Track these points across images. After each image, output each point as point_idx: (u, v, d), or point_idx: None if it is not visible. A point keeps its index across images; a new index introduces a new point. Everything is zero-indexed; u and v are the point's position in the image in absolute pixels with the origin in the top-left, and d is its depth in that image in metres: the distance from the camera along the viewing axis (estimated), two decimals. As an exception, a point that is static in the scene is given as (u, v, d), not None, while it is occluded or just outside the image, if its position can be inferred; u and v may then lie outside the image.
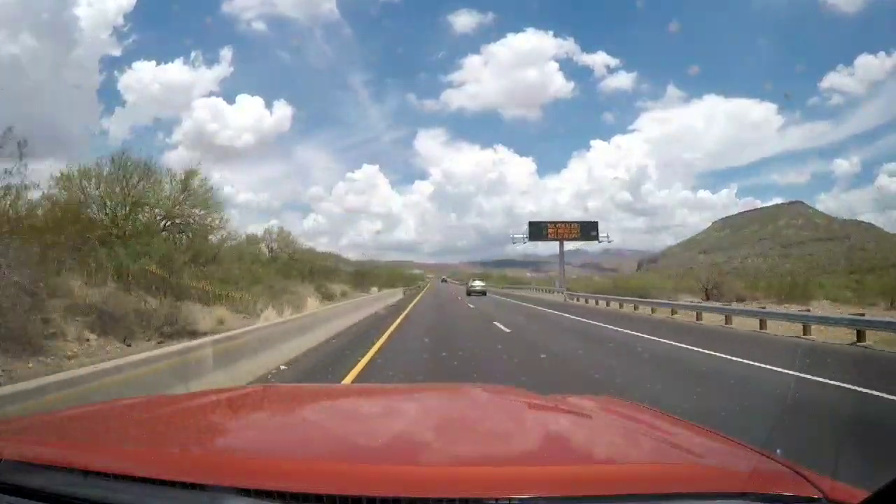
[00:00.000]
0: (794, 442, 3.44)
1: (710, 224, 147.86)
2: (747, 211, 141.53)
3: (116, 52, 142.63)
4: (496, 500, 0.86)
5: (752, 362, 8.07)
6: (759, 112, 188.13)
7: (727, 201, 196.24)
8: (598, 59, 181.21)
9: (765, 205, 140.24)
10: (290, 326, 8.83)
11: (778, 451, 1.10)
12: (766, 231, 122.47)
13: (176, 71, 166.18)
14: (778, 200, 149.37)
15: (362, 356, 8.55)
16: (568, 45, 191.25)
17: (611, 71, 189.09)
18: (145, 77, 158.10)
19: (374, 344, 10.18)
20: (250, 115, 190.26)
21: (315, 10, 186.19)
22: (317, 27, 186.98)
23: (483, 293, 39.21)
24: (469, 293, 38.92)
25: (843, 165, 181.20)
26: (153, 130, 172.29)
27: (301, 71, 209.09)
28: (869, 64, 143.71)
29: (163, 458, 1.07)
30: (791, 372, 7.38)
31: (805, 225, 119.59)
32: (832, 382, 6.38)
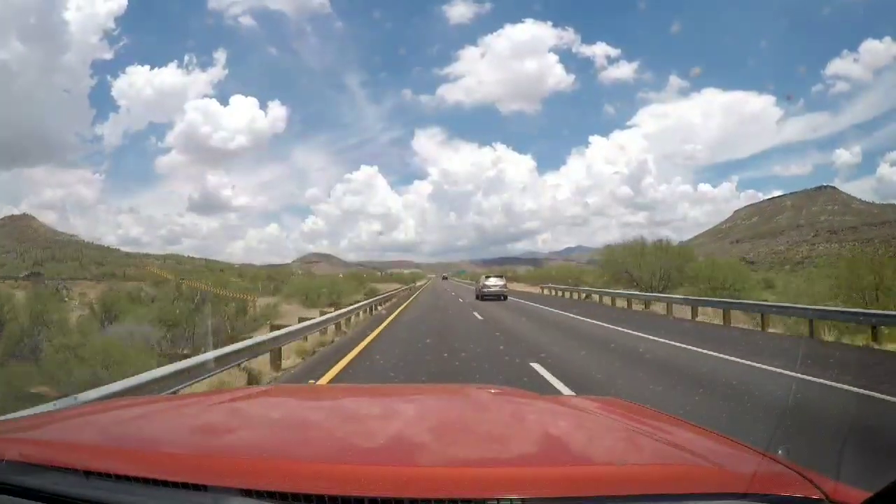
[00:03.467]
0: None
1: (732, 213, 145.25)
2: (775, 197, 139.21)
3: (108, 56, 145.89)
4: (497, 500, 0.88)
5: None
6: (758, 104, 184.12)
7: (728, 195, 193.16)
8: (598, 51, 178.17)
9: (793, 191, 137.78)
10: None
11: (780, 451, 1.11)
12: (802, 217, 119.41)
13: (168, 74, 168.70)
14: (778, 193, 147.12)
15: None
16: (567, 36, 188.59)
17: (611, 61, 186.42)
18: (138, 81, 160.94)
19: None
20: (244, 117, 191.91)
21: (305, 2, 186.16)
22: (307, 21, 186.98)
23: (502, 297, 27.65)
24: (481, 297, 27.74)
25: (844, 156, 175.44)
26: (147, 134, 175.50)
27: (293, 69, 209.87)
28: (874, 49, 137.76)
29: (165, 459, 1.10)
30: None
31: (843, 210, 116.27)
32: None
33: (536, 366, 7.88)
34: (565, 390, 6.24)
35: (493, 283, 29.05)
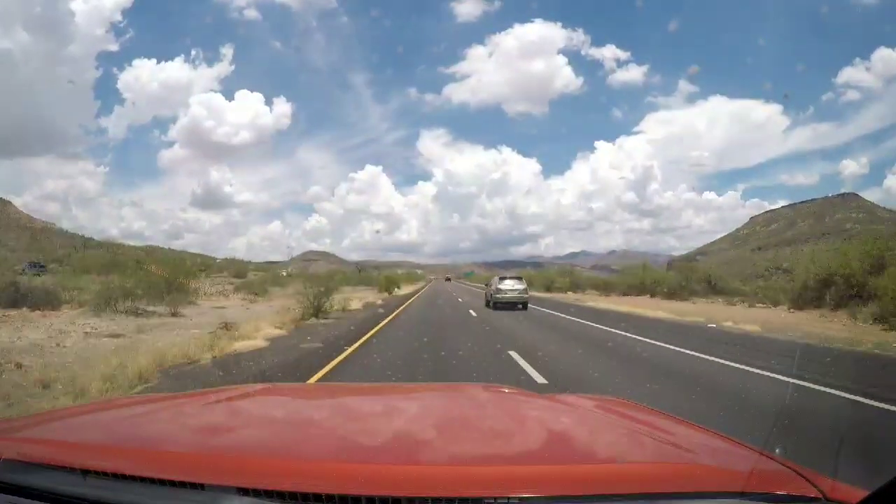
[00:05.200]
0: None
1: (749, 219, 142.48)
2: (796, 203, 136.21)
3: (114, 48, 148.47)
4: (495, 499, 0.90)
5: None
6: (766, 112, 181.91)
7: (733, 203, 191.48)
8: (608, 53, 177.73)
9: (813, 198, 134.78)
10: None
11: (777, 450, 1.10)
12: (826, 225, 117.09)
13: (174, 67, 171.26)
14: (783, 202, 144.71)
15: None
16: (577, 37, 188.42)
17: (620, 64, 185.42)
18: (143, 74, 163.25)
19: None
20: (249, 113, 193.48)
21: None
22: (312, 17, 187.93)
23: (521, 304, 21.40)
24: (493, 304, 21.69)
25: (851, 166, 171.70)
26: (151, 128, 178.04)
27: (299, 66, 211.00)
28: (887, 58, 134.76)
29: (163, 458, 1.12)
30: None
31: (869, 218, 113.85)
32: None
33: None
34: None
35: (510, 286, 22.20)
